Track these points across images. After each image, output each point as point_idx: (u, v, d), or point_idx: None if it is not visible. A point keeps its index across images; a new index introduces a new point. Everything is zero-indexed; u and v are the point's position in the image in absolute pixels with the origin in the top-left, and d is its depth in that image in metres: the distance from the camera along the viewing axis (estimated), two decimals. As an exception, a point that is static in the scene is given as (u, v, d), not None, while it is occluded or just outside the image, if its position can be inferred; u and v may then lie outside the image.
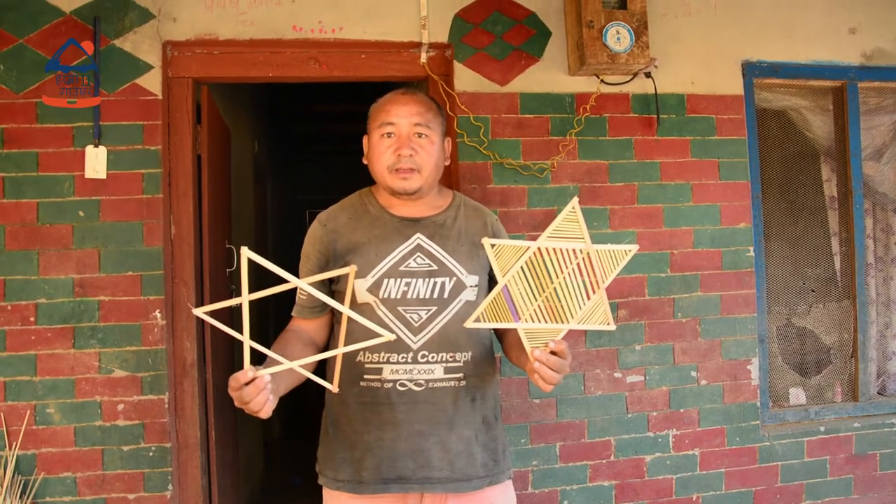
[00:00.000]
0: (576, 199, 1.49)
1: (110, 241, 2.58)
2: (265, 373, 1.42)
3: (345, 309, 1.45)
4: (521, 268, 1.49)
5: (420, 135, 1.82)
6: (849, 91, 3.17)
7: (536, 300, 1.51)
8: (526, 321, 1.51)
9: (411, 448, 1.75)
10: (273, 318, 5.37)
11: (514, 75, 2.84)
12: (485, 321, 1.51)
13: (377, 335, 1.45)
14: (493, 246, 1.47)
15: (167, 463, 2.58)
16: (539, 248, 1.48)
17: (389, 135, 1.82)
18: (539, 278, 1.51)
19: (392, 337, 1.46)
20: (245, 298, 1.33)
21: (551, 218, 2.77)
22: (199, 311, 1.34)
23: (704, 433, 2.93)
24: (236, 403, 1.45)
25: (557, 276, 1.50)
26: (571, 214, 1.49)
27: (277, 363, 1.44)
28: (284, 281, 1.37)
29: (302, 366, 1.47)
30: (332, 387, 1.54)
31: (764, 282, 3.08)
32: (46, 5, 2.57)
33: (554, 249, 1.49)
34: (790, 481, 3.00)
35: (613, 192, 2.89)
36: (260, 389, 1.41)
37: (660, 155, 2.93)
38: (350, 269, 1.46)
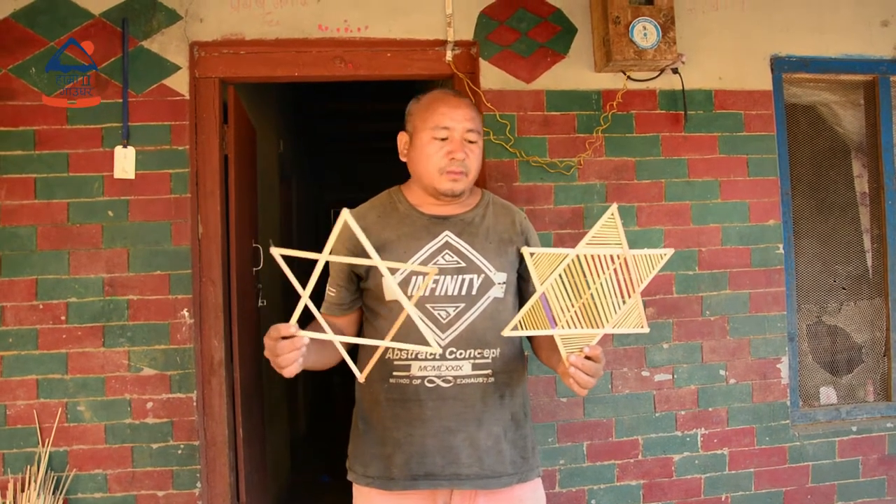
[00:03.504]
0: (615, 206, 1.48)
1: (139, 241, 2.60)
2: (305, 334, 1.43)
3: (408, 305, 1.44)
4: (559, 275, 1.48)
5: (471, 140, 1.84)
6: (881, 85, 3.12)
7: (573, 306, 1.51)
8: (562, 327, 1.51)
9: (440, 444, 1.76)
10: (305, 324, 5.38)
11: (540, 72, 2.82)
12: (523, 329, 1.50)
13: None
14: (531, 254, 1.46)
15: (195, 460, 2.60)
16: (576, 255, 1.48)
17: (444, 138, 1.83)
18: (576, 284, 1.50)
19: (438, 350, 1.47)
20: (324, 257, 1.33)
21: (578, 216, 2.78)
22: (277, 252, 1.32)
23: (733, 432, 2.89)
24: (266, 353, 1.47)
25: (594, 282, 1.50)
26: (610, 221, 1.48)
27: (318, 332, 1.45)
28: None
29: (331, 354, 1.47)
30: (360, 375, 1.54)
31: (794, 279, 3.04)
32: (76, 8, 2.60)
33: (591, 255, 1.49)
34: (821, 482, 2.95)
35: (641, 190, 2.86)
36: (295, 348, 1.43)
37: (687, 151, 2.90)
38: (431, 270, 1.46)
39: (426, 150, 1.84)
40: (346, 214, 1.30)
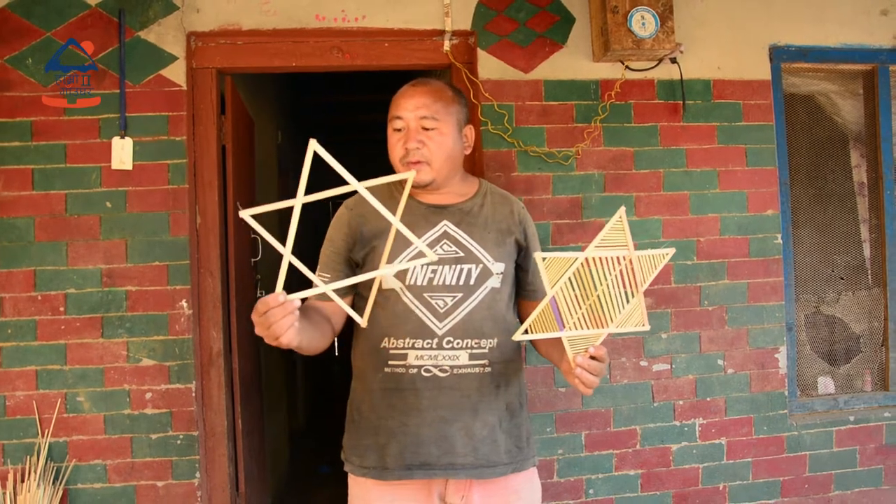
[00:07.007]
0: (623, 209, 1.53)
1: (137, 232, 2.60)
2: (295, 296, 1.38)
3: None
4: (569, 278, 1.50)
5: (427, 127, 1.81)
6: (880, 74, 3.11)
7: (581, 308, 1.54)
8: (570, 329, 1.53)
9: (435, 434, 1.76)
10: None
11: (538, 62, 2.81)
12: (532, 332, 1.53)
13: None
14: (543, 259, 1.47)
15: (195, 451, 2.61)
16: (585, 258, 1.51)
17: (400, 129, 1.84)
18: (584, 286, 1.53)
19: (434, 257, 1.45)
20: (299, 200, 1.28)
21: (577, 206, 2.78)
22: (246, 213, 1.28)
23: (731, 422, 2.90)
24: (257, 329, 1.40)
25: (601, 284, 1.53)
26: (618, 224, 1.54)
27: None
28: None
29: (321, 336, 1.47)
30: (362, 321, 1.53)
31: (792, 269, 3.04)
32: (73, -2, 2.59)
33: (599, 258, 1.52)
34: (819, 471, 2.96)
35: (639, 180, 2.86)
36: (287, 312, 1.37)
37: (686, 141, 2.90)
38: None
39: (389, 142, 1.86)
40: (313, 144, 1.26)
